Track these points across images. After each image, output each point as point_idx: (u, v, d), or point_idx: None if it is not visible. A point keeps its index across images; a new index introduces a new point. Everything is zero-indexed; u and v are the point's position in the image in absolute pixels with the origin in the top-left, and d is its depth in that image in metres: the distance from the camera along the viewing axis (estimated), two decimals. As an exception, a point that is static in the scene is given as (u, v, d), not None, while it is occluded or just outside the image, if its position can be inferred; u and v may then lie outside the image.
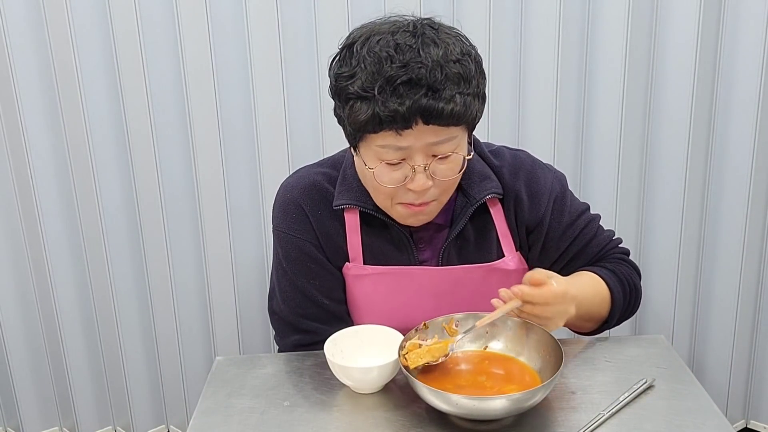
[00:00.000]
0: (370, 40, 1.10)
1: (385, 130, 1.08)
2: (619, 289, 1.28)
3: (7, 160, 1.97)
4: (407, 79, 1.05)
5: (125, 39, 1.84)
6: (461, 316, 1.16)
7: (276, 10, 1.84)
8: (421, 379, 1.04)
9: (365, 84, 1.07)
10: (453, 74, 1.07)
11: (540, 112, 1.92)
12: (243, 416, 1.08)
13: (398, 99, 1.05)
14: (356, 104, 1.09)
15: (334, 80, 1.13)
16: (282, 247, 1.32)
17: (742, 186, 1.98)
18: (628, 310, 1.32)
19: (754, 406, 2.20)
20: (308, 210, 1.29)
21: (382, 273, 1.29)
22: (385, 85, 1.06)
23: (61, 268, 2.06)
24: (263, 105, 1.91)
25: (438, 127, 1.08)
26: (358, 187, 1.26)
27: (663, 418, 1.03)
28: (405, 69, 1.06)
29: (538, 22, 1.86)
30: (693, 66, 1.87)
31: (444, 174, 1.15)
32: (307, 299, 1.31)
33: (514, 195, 1.28)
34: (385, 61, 1.06)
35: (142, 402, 2.22)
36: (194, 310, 2.12)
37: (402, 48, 1.07)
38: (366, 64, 1.08)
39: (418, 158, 1.11)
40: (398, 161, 1.12)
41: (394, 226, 1.26)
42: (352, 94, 1.09)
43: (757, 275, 2.07)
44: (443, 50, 1.08)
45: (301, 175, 1.35)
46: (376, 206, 1.25)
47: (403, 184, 1.14)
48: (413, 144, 1.10)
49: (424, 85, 1.06)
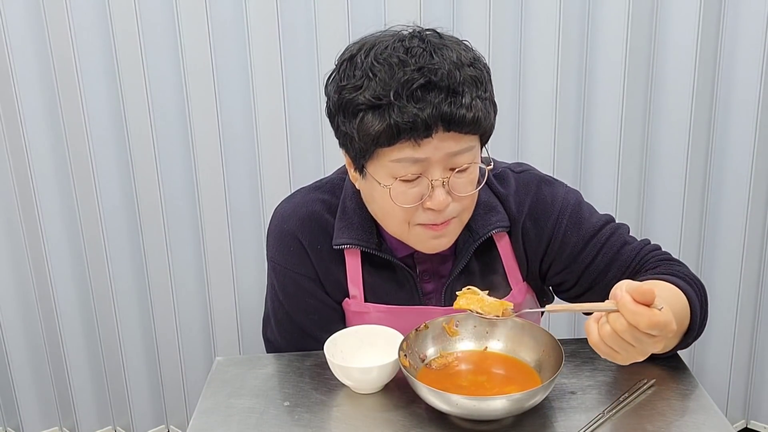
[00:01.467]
0: (375, 49, 1.02)
1: (402, 140, 0.99)
2: (691, 291, 1.09)
3: (7, 160, 1.97)
4: (425, 83, 0.97)
5: (125, 39, 1.84)
6: (461, 316, 1.16)
7: (276, 10, 1.84)
8: (421, 379, 1.04)
9: (377, 92, 0.98)
10: (469, 77, 1.00)
11: (540, 112, 1.92)
12: (243, 416, 1.08)
13: (417, 104, 0.97)
14: (367, 116, 1.00)
15: (337, 94, 1.04)
16: (278, 280, 1.25)
17: (742, 186, 1.98)
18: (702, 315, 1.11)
19: (754, 406, 2.20)
20: (307, 244, 1.21)
21: (384, 311, 1.22)
22: (401, 90, 0.97)
23: (61, 268, 2.06)
24: (263, 105, 1.91)
25: (457, 134, 1.01)
26: (359, 223, 1.18)
27: (663, 418, 1.03)
28: (421, 72, 0.98)
29: (538, 22, 1.86)
30: (693, 66, 1.86)
31: (463, 188, 1.07)
32: (305, 334, 1.26)
33: (522, 225, 1.20)
34: (397, 66, 0.98)
35: (142, 402, 2.22)
36: (194, 310, 2.12)
37: (413, 52, 1.00)
38: (375, 71, 0.99)
39: (436, 171, 1.03)
40: (414, 177, 1.04)
41: (398, 264, 1.20)
42: (361, 105, 1.00)
43: (757, 275, 2.07)
44: (456, 54, 1.01)
45: (297, 202, 1.24)
46: (378, 245, 1.18)
47: (420, 203, 1.06)
48: (432, 155, 1.01)
49: (444, 88, 0.98)
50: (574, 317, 2.14)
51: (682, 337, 1.08)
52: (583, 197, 1.24)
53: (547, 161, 1.94)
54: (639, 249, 1.20)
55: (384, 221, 1.14)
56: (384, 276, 1.22)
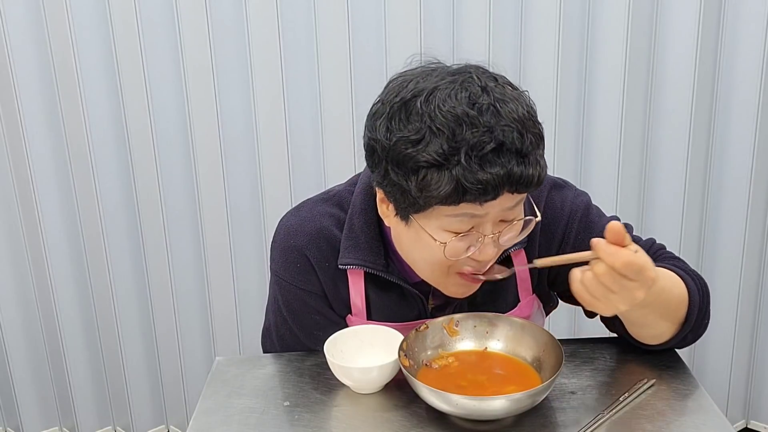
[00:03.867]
0: (433, 96, 0.94)
1: (467, 201, 0.94)
2: (691, 282, 1.10)
3: (7, 160, 1.97)
4: (495, 146, 0.92)
5: (125, 39, 1.84)
6: (461, 316, 1.16)
7: (276, 10, 1.84)
8: (421, 379, 1.04)
9: (445, 150, 0.92)
10: (534, 135, 0.96)
11: (540, 112, 1.90)
12: (243, 416, 1.08)
13: (487, 168, 0.91)
14: (430, 174, 0.93)
15: (391, 145, 0.95)
16: (283, 295, 1.22)
17: (742, 186, 1.98)
18: (701, 309, 1.12)
19: (754, 406, 2.20)
20: (315, 262, 1.17)
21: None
22: (471, 152, 0.91)
23: (61, 268, 2.06)
24: (263, 105, 1.91)
25: (518, 193, 0.97)
26: (365, 243, 1.14)
27: (663, 418, 1.03)
28: (491, 133, 0.92)
29: (538, 22, 1.86)
30: (693, 66, 1.86)
31: (510, 240, 1.04)
32: (308, 350, 1.24)
33: (537, 234, 1.18)
34: (464, 122, 0.92)
35: (142, 402, 2.22)
36: (194, 310, 2.12)
37: (480, 107, 0.93)
38: (438, 125, 0.92)
39: (489, 227, 1.00)
40: (467, 231, 1.00)
41: (406, 287, 1.16)
42: (423, 162, 0.93)
43: (757, 275, 2.07)
44: (520, 107, 0.96)
45: (305, 217, 1.19)
46: (385, 265, 1.15)
47: (468, 255, 1.02)
48: (490, 212, 0.97)
49: (514, 153, 0.93)
50: (575, 317, 2.14)
51: (680, 327, 1.10)
52: (591, 199, 1.23)
53: (547, 161, 1.93)
54: (647, 248, 1.18)
55: (418, 267, 1.11)
56: (390, 296, 1.19)
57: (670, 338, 1.12)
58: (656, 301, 1.01)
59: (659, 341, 1.12)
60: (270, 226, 2.02)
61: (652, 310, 1.03)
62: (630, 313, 1.03)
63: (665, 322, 1.09)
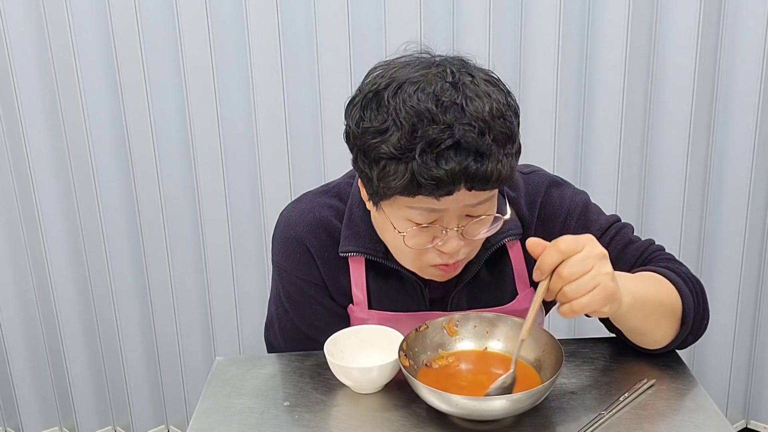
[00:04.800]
0: (402, 90, 0.96)
1: (423, 195, 0.97)
2: (683, 285, 1.11)
3: (7, 160, 1.97)
4: (452, 143, 0.93)
5: (125, 39, 1.84)
6: (461, 316, 1.16)
7: (276, 10, 1.84)
8: (421, 379, 1.04)
9: (402, 144, 0.94)
10: (499, 134, 0.96)
11: (540, 112, 1.92)
12: (243, 416, 1.08)
13: (442, 164, 0.93)
14: (389, 166, 0.96)
15: (359, 133, 0.99)
16: (284, 286, 1.23)
17: (742, 186, 1.98)
18: (701, 308, 1.13)
19: (754, 406, 2.20)
20: (315, 251, 1.19)
21: (389, 318, 1.20)
22: (427, 148, 0.93)
23: (61, 268, 2.06)
24: (263, 105, 1.91)
25: (478, 191, 0.99)
26: (365, 231, 1.16)
27: (663, 418, 1.03)
28: (450, 131, 0.93)
29: (538, 22, 1.86)
30: (693, 66, 1.87)
31: (477, 233, 1.06)
32: (310, 339, 1.25)
33: (533, 227, 1.19)
34: (425, 118, 0.94)
35: (142, 402, 2.22)
36: (194, 310, 2.12)
37: (444, 103, 0.94)
38: (401, 119, 0.94)
39: (452, 221, 1.02)
40: (429, 224, 1.02)
41: (405, 273, 1.18)
42: (384, 154, 0.96)
43: (757, 275, 2.07)
44: (488, 105, 0.95)
45: (304, 208, 1.22)
46: (386, 253, 1.16)
47: (432, 246, 1.05)
48: (450, 207, 1.00)
49: (472, 150, 0.94)
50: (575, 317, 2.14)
51: (678, 331, 1.11)
52: (590, 198, 1.24)
53: (547, 161, 1.94)
54: (644, 248, 1.21)
55: (394, 254, 1.14)
56: (390, 284, 1.20)
57: (670, 342, 1.13)
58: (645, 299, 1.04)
59: (660, 346, 1.13)
60: (270, 226, 2.01)
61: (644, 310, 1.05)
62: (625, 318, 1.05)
63: (662, 327, 1.10)
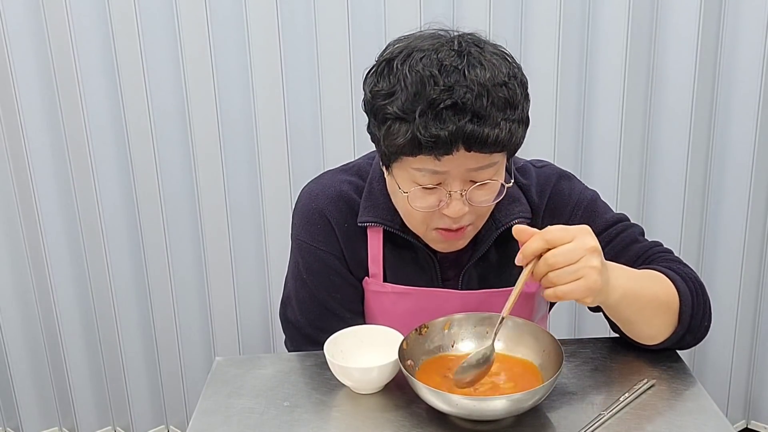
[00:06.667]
0: (411, 57, 1.03)
1: (424, 154, 1.03)
2: (683, 285, 1.12)
3: (7, 160, 1.97)
4: (451, 104, 0.99)
5: (125, 39, 1.84)
6: (461, 316, 1.16)
7: (276, 10, 1.84)
8: (421, 379, 1.04)
9: (405, 105, 1.01)
10: (499, 99, 1.01)
11: (540, 112, 1.92)
12: (243, 416, 1.08)
13: (440, 124, 1.00)
14: (394, 126, 1.03)
15: (371, 97, 1.07)
16: (303, 257, 1.27)
17: (742, 186, 1.98)
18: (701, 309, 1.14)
19: (754, 406, 2.20)
20: (334, 222, 1.24)
21: (402, 292, 1.25)
22: (427, 108, 1.00)
23: (60, 268, 2.06)
24: (263, 105, 1.91)
25: (479, 153, 1.03)
26: (384, 203, 1.21)
27: (663, 418, 1.03)
28: (449, 92, 1.00)
29: (538, 22, 1.86)
30: (693, 66, 1.87)
31: (481, 200, 1.10)
32: (328, 312, 1.27)
33: (541, 215, 1.23)
34: (428, 82, 1.00)
35: (141, 402, 2.22)
36: (194, 310, 2.12)
37: (447, 68, 1.01)
38: (407, 84, 1.02)
39: (455, 184, 1.06)
40: (434, 186, 1.07)
41: (420, 246, 1.22)
42: (390, 114, 1.03)
43: (757, 275, 2.07)
44: (490, 73, 1.02)
45: (325, 183, 1.27)
46: (402, 226, 1.20)
47: (438, 209, 1.09)
48: (451, 170, 1.05)
49: (469, 111, 1.00)
50: (575, 317, 2.14)
51: (675, 327, 1.12)
52: (599, 196, 1.27)
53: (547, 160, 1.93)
54: (647, 248, 1.22)
55: (404, 217, 1.18)
56: (405, 257, 1.24)
57: (667, 338, 1.13)
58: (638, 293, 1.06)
59: (655, 341, 1.14)
60: (270, 226, 2.03)
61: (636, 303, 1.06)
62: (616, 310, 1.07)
63: (656, 322, 1.11)
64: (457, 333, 1.15)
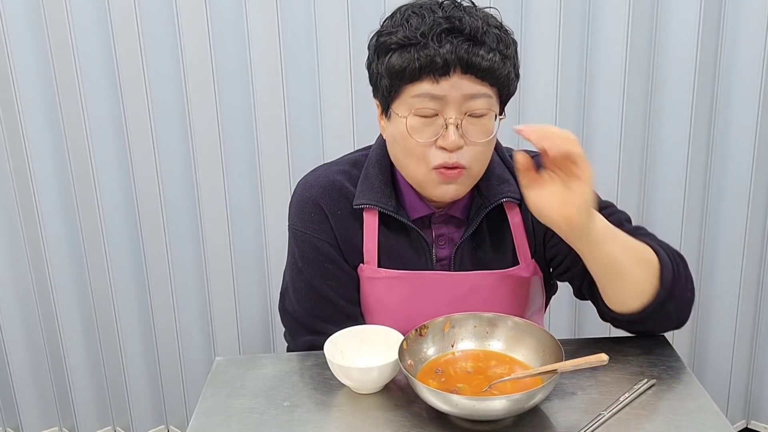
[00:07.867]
0: (413, 5, 1.14)
1: (423, 77, 1.09)
2: (661, 251, 1.13)
3: (7, 160, 1.97)
4: (449, 27, 1.08)
5: (125, 39, 1.84)
6: (460, 316, 1.16)
7: (276, 10, 1.84)
8: (421, 379, 1.04)
9: (407, 34, 1.10)
10: (493, 35, 1.10)
11: (540, 112, 1.92)
12: (243, 416, 1.08)
13: (438, 44, 1.08)
14: (395, 54, 1.11)
15: (375, 38, 1.16)
16: (298, 246, 1.30)
17: (742, 186, 1.98)
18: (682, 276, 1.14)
19: (754, 406, 2.20)
20: (327, 209, 1.28)
21: (396, 277, 1.27)
22: (427, 31, 1.09)
23: (60, 268, 2.06)
24: (263, 105, 1.91)
25: (474, 78, 1.09)
26: (379, 187, 1.25)
27: (663, 418, 1.03)
28: (448, 19, 1.09)
29: (538, 22, 1.86)
30: (693, 66, 1.87)
31: (476, 135, 1.13)
32: (323, 300, 1.29)
33: None
34: (428, 14, 1.10)
35: (141, 402, 2.22)
36: (194, 310, 2.12)
37: (445, 6, 1.12)
38: (409, 20, 1.11)
39: (452, 111, 1.11)
40: (431, 114, 1.12)
41: (413, 228, 1.25)
42: (393, 44, 1.11)
43: (757, 275, 2.07)
44: (484, 21, 1.11)
45: (319, 174, 1.32)
46: (396, 207, 1.24)
47: (434, 141, 1.13)
48: (449, 94, 1.10)
49: (466, 34, 1.08)
50: (575, 317, 2.14)
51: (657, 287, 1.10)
52: None
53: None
54: (632, 231, 1.21)
55: (404, 164, 1.20)
56: (399, 240, 1.27)
57: (650, 302, 1.11)
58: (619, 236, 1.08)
59: (639, 302, 1.12)
60: (270, 226, 2.03)
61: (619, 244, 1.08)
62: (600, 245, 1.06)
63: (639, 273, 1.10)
64: (457, 333, 1.15)
